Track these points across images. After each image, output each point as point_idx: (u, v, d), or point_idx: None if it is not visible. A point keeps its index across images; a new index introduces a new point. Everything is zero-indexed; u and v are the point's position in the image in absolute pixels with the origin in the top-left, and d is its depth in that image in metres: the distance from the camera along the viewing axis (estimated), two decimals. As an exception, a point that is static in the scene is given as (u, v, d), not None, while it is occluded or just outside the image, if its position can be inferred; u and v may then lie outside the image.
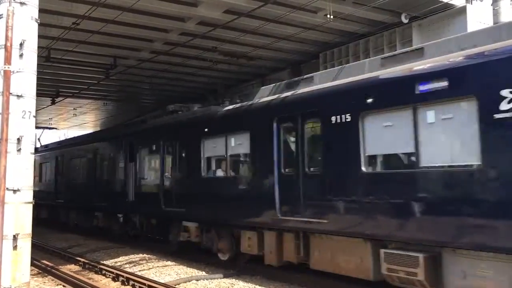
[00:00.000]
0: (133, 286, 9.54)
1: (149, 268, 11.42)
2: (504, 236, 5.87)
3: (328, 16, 12.93)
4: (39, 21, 7.04)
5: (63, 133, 38.51)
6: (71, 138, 26.90)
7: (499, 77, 6.06)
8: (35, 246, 11.74)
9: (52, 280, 10.69)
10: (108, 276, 10.67)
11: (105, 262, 12.01)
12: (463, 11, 13.54)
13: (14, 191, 6.53)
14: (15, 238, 6.47)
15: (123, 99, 26.32)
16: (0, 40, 6.59)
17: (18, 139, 6.60)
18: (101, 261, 12.06)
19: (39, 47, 7.62)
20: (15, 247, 6.47)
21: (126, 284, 9.84)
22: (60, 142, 26.01)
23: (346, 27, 15.29)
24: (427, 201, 6.74)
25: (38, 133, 26.48)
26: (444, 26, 13.86)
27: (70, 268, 11.86)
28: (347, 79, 8.36)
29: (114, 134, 17.95)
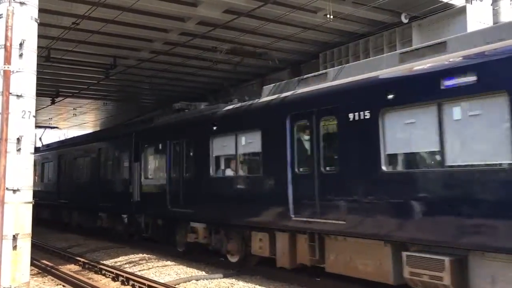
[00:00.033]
0: (133, 286, 9.54)
1: (149, 268, 11.41)
2: None
3: (328, 16, 12.95)
4: (39, 21, 7.04)
5: (63, 133, 38.53)
6: (74, 137, 26.57)
7: None
8: (35, 246, 11.72)
9: (52, 280, 10.69)
10: (108, 276, 10.66)
11: (105, 262, 12.00)
12: (463, 11, 13.55)
13: (14, 191, 6.53)
14: (15, 238, 6.46)
15: (123, 99, 26.35)
16: (0, 40, 6.59)
17: (18, 139, 6.60)
18: (101, 261, 12.05)
19: (39, 47, 7.63)
20: (15, 247, 6.46)
21: (126, 284, 9.83)
22: (63, 141, 25.69)
23: (346, 27, 15.30)
24: (452, 202, 6.46)
25: (40, 133, 26.32)
26: (444, 26, 13.87)
27: (70, 268, 11.85)
28: (365, 75, 8.00)
29: (119, 133, 17.58)
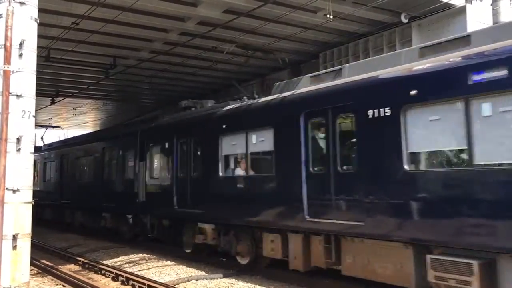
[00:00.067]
0: (133, 286, 9.53)
1: (149, 268, 11.41)
2: None
3: (328, 16, 12.95)
4: (39, 21, 7.03)
5: (63, 133, 38.52)
6: (77, 136, 26.36)
7: None
8: (35, 246, 11.73)
9: (52, 280, 10.68)
10: (108, 276, 10.66)
11: (105, 262, 11.99)
12: (463, 11, 13.56)
13: (14, 191, 6.53)
14: (15, 238, 6.46)
15: (123, 99, 26.36)
16: (0, 40, 6.59)
17: (18, 139, 6.59)
18: (101, 261, 12.04)
19: (39, 47, 7.63)
20: (15, 247, 6.46)
21: (126, 284, 9.83)
22: (66, 141, 25.45)
23: (346, 27, 15.30)
24: (480, 202, 6.19)
25: (42, 132, 26.25)
26: (444, 26, 13.87)
27: (70, 268, 11.85)
28: (384, 71, 7.73)
29: (124, 132, 17.28)
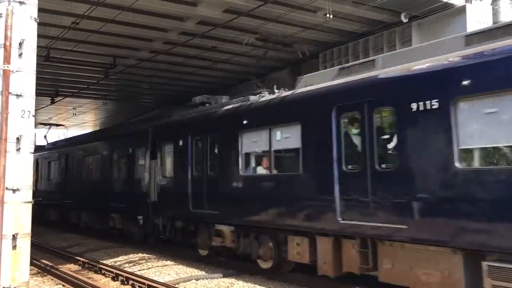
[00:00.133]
0: (133, 286, 9.53)
1: (149, 268, 11.41)
2: None
3: (328, 16, 12.93)
4: (39, 21, 7.03)
5: (63, 133, 38.50)
6: (83, 135, 26.04)
7: None
8: (35, 246, 11.71)
9: (52, 280, 10.68)
10: (108, 276, 10.65)
11: (105, 262, 11.99)
12: (463, 11, 13.56)
13: (14, 191, 6.53)
14: (15, 238, 6.46)
15: (123, 99, 26.38)
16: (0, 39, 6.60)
17: (18, 139, 6.59)
18: (101, 261, 12.04)
19: (39, 47, 7.63)
20: (15, 247, 6.46)
21: (126, 284, 9.83)
22: (71, 139, 25.03)
23: (346, 27, 15.30)
24: None
25: (44, 131, 26.18)
26: (444, 26, 13.88)
27: (70, 268, 11.85)
28: (430, 60, 7.13)
29: (134, 129, 16.65)
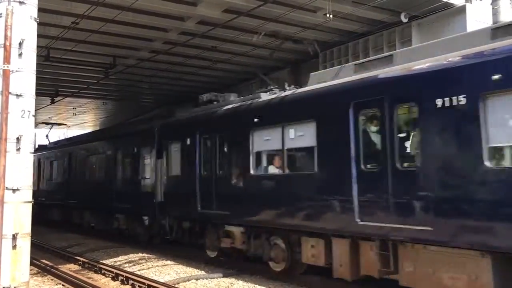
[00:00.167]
0: (133, 286, 9.53)
1: (149, 268, 11.42)
2: None
3: (328, 16, 12.93)
4: (38, 20, 7.02)
5: (63, 132, 38.50)
6: (87, 134, 25.94)
7: None
8: (35, 246, 11.71)
9: (52, 280, 10.69)
10: (108, 276, 10.66)
11: (105, 262, 12.00)
12: (463, 11, 13.54)
13: (14, 191, 6.52)
14: (15, 238, 6.46)
15: (123, 99, 26.37)
16: (-1, 39, 6.60)
17: (18, 138, 6.58)
18: (101, 261, 12.05)
19: (39, 47, 7.63)
20: (15, 247, 6.46)
21: (126, 284, 9.83)
22: (74, 138, 24.91)
23: (346, 27, 15.29)
24: None
25: (46, 131, 26.17)
26: (444, 26, 13.87)
27: (70, 268, 11.86)
28: (455, 54, 6.79)
29: (139, 128, 16.44)
